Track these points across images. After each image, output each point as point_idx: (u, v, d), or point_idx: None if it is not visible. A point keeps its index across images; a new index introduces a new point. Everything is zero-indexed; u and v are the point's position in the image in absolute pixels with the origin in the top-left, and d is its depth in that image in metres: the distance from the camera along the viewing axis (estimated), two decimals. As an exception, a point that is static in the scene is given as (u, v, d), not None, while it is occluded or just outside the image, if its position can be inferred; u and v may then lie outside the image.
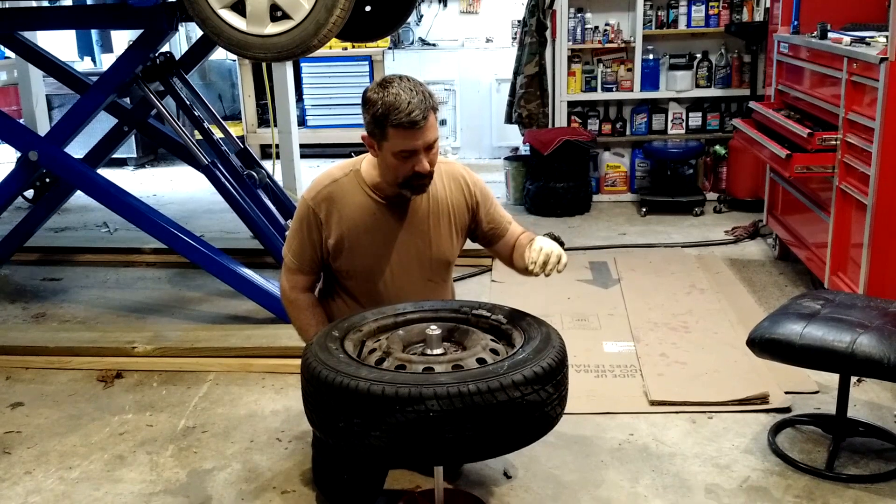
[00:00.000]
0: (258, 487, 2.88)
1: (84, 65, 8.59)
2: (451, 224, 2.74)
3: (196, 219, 6.34)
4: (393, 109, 2.40)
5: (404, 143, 2.45)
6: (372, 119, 2.47)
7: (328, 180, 2.68)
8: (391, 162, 2.51)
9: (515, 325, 2.42)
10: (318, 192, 2.66)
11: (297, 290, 2.74)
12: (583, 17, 6.39)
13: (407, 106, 2.40)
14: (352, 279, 2.72)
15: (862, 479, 2.82)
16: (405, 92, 2.42)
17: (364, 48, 8.11)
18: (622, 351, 3.83)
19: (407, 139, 2.45)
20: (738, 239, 5.54)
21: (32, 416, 3.43)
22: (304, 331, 2.74)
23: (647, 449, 3.04)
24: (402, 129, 2.42)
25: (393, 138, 2.45)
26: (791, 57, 4.75)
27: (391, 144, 2.47)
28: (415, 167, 2.49)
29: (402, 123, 2.41)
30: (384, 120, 2.43)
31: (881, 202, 3.61)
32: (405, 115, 2.40)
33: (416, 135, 2.44)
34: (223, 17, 3.50)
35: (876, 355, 2.65)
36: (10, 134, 4.43)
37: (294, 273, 2.73)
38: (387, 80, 2.47)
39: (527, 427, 2.13)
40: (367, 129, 2.52)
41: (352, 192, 2.65)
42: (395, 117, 2.40)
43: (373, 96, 2.46)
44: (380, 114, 2.43)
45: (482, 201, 2.78)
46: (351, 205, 2.64)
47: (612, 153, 6.62)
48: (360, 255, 2.67)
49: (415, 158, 2.48)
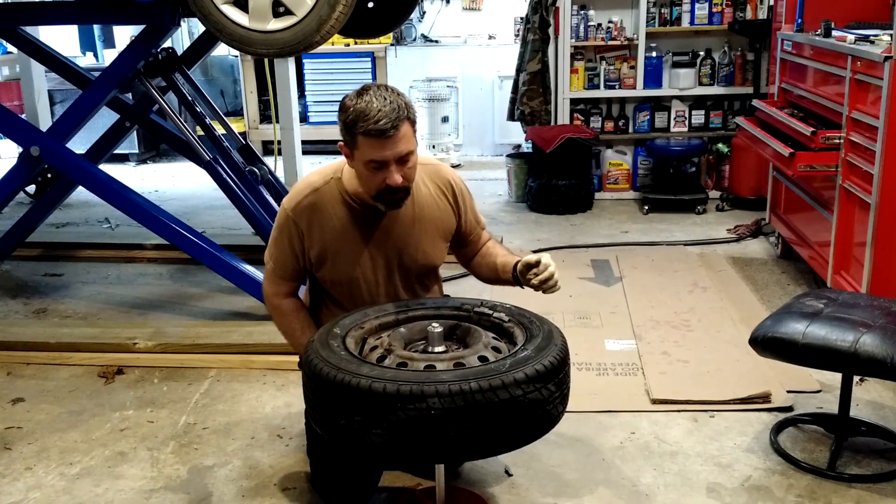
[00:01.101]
0: (259, 484, 2.87)
1: (86, 60, 8.59)
2: (437, 229, 2.69)
3: (198, 215, 6.34)
4: (362, 116, 2.32)
5: (373, 153, 2.36)
6: (343, 125, 2.39)
7: (308, 189, 2.59)
8: (362, 172, 2.43)
9: (517, 322, 2.41)
10: (299, 203, 2.57)
11: (280, 295, 2.69)
12: (586, 14, 6.37)
13: (376, 114, 2.31)
14: (336, 287, 2.68)
15: (864, 478, 2.81)
16: (377, 100, 2.33)
17: (366, 45, 8.10)
18: (624, 349, 3.82)
19: (375, 149, 2.35)
20: (741, 237, 5.53)
21: (33, 412, 3.43)
22: (290, 335, 2.71)
23: (649, 447, 3.04)
24: (370, 138, 2.34)
25: (362, 147, 2.37)
26: (794, 55, 4.73)
27: (361, 153, 2.39)
28: (386, 180, 2.39)
29: (370, 131, 2.32)
30: (353, 127, 2.35)
31: (885, 201, 3.60)
32: (373, 122, 2.31)
33: (384, 144, 2.34)
34: (225, 12, 3.49)
35: (879, 355, 2.64)
36: (11, 129, 4.42)
37: (277, 279, 2.69)
38: (364, 88, 2.40)
39: (528, 425, 2.12)
40: (341, 136, 2.44)
41: (333, 202, 2.57)
42: (362, 124, 2.32)
43: (347, 102, 2.38)
44: (349, 120, 2.35)
45: (465, 207, 2.75)
46: (332, 215, 2.57)
47: (615, 151, 6.62)
48: (344, 265, 2.61)
49: (386, 171, 2.38)
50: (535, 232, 5.80)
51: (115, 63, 4.38)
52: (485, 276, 2.83)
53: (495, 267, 2.73)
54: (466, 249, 2.83)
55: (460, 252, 2.85)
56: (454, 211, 2.72)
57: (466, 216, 2.75)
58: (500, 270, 2.70)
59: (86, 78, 4.82)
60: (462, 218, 2.74)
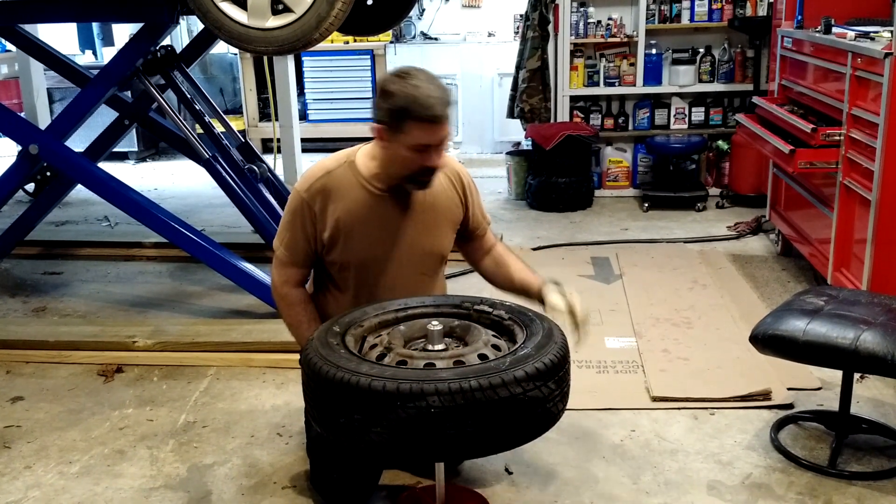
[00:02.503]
0: (259, 483, 2.87)
1: (85, 58, 8.58)
2: (447, 219, 2.71)
3: (197, 213, 6.33)
4: (415, 103, 2.34)
5: (422, 138, 2.39)
6: (389, 111, 2.38)
7: (321, 172, 2.60)
8: (403, 155, 2.45)
9: (517, 320, 2.40)
10: (312, 185, 2.59)
11: (289, 284, 2.68)
12: (585, 11, 6.37)
13: (429, 100, 2.34)
14: (344, 271, 2.67)
15: (865, 476, 2.81)
16: (425, 85, 2.35)
17: (366, 42, 8.09)
18: (624, 347, 3.82)
19: (426, 134, 2.39)
20: (741, 234, 5.53)
21: (32, 411, 3.42)
22: (295, 327, 2.70)
23: (649, 445, 3.04)
24: (423, 124, 2.36)
25: (411, 131, 2.38)
26: (795, 52, 4.73)
27: (408, 138, 2.40)
28: (425, 162, 2.44)
29: (424, 117, 2.35)
30: (404, 113, 2.36)
31: (885, 198, 3.60)
32: (427, 109, 2.34)
33: (435, 130, 2.39)
34: (224, 10, 3.48)
35: (880, 352, 2.64)
36: (10, 127, 4.42)
37: (286, 266, 2.67)
38: (405, 72, 2.40)
39: (528, 423, 2.12)
40: (380, 119, 2.42)
41: (347, 184, 2.59)
42: (417, 111, 2.34)
43: (392, 87, 2.37)
44: (399, 106, 2.35)
45: (472, 199, 2.77)
46: (346, 197, 2.58)
47: (615, 148, 6.61)
48: (355, 248, 2.62)
49: (427, 154, 2.43)
50: (534, 229, 5.80)
51: (114, 61, 4.38)
52: (498, 284, 2.85)
53: (511, 280, 2.78)
54: (472, 245, 2.84)
55: (466, 248, 2.86)
56: (462, 202, 2.74)
57: (473, 209, 2.77)
58: (518, 287, 2.75)
59: (85, 76, 4.82)
60: (469, 210, 2.76)
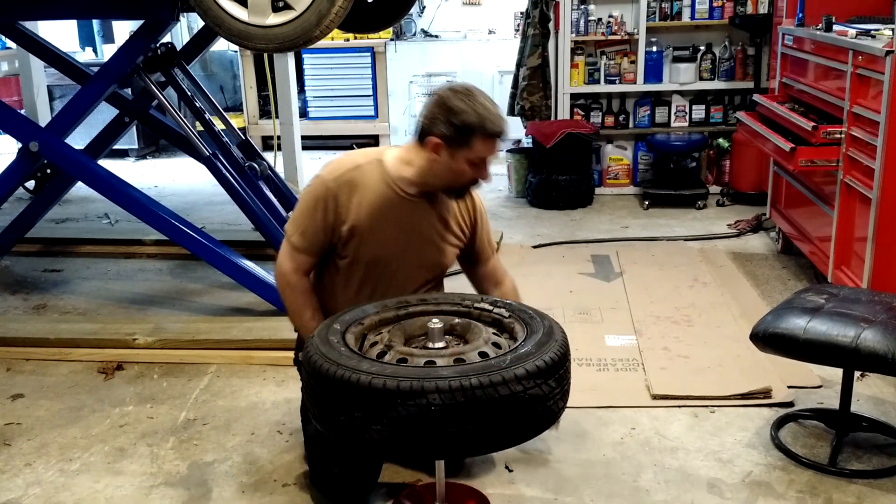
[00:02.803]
0: (259, 480, 2.87)
1: (85, 55, 8.57)
2: (456, 234, 2.78)
3: (197, 210, 6.33)
4: (486, 120, 2.46)
5: (485, 152, 2.51)
6: (458, 125, 2.46)
7: (351, 164, 2.64)
8: (460, 168, 2.53)
9: (518, 318, 2.40)
10: (341, 175, 2.62)
11: (298, 272, 2.70)
12: (586, 8, 6.36)
13: (498, 118, 2.48)
14: (354, 266, 2.70)
15: (865, 474, 2.81)
16: (490, 104, 2.50)
17: (366, 39, 8.09)
18: (624, 345, 3.82)
19: (489, 149, 2.51)
20: (742, 232, 5.53)
21: (33, 408, 3.43)
22: (298, 314, 2.72)
23: (649, 443, 3.04)
24: (490, 140, 2.48)
25: (476, 147, 2.48)
26: (795, 49, 4.72)
27: (471, 152, 2.49)
28: (479, 174, 2.56)
29: (493, 134, 2.47)
30: (472, 128, 2.46)
31: (886, 196, 3.60)
32: (497, 126, 2.48)
33: (496, 146, 2.53)
34: (224, 7, 3.48)
35: (880, 350, 2.64)
36: (10, 124, 4.41)
37: (299, 253, 2.68)
38: (467, 90, 2.52)
39: (529, 421, 2.11)
40: (442, 132, 2.48)
41: (373, 181, 2.62)
42: (490, 128, 2.46)
43: (460, 105, 2.46)
44: (469, 122, 2.45)
45: (481, 226, 2.84)
46: (371, 193, 2.62)
47: (615, 146, 6.61)
48: (370, 245, 2.65)
49: (483, 166, 2.55)
50: (535, 227, 5.80)
51: (114, 58, 4.37)
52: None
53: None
54: (476, 269, 2.90)
55: (470, 272, 2.92)
56: (469, 226, 2.81)
57: (480, 234, 2.84)
58: None
59: (85, 73, 4.81)
60: (476, 235, 2.83)
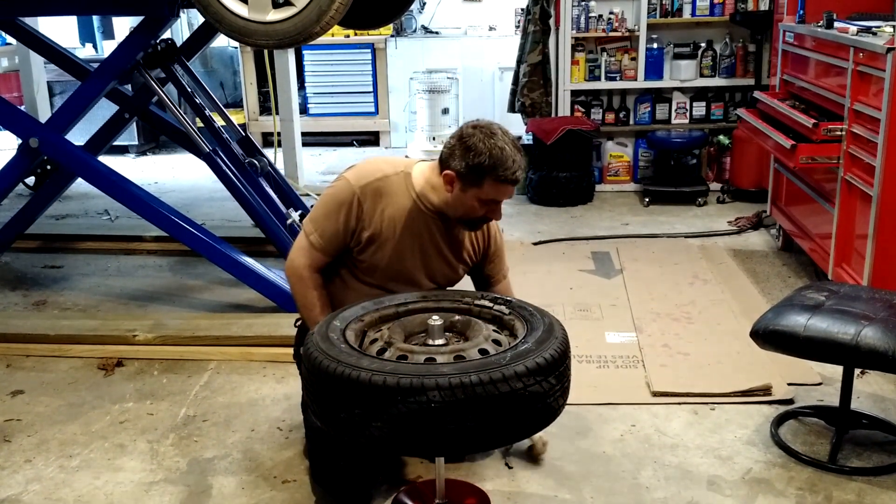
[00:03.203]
0: (259, 476, 2.87)
1: (85, 51, 8.57)
2: (469, 254, 2.81)
3: (197, 207, 6.33)
4: (500, 165, 2.46)
5: (495, 195, 2.52)
6: (472, 165, 2.47)
7: (379, 174, 2.66)
8: (470, 204, 2.55)
9: (518, 315, 2.40)
10: (369, 183, 2.63)
11: (311, 269, 2.71)
12: (587, 5, 6.35)
13: (513, 164, 2.46)
14: (369, 272, 2.73)
15: (865, 471, 2.81)
16: (509, 147, 2.47)
17: (366, 36, 8.08)
18: (624, 341, 3.82)
19: (500, 193, 2.52)
20: (742, 229, 5.53)
21: (33, 404, 3.43)
22: (308, 309, 2.72)
23: (649, 440, 3.04)
24: (501, 184, 2.49)
25: (487, 188, 2.50)
26: (796, 46, 4.72)
27: (482, 192, 2.51)
28: (489, 214, 2.58)
29: (506, 179, 2.47)
30: (487, 170, 2.46)
31: (886, 193, 3.60)
32: (511, 173, 2.47)
33: (509, 190, 2.52)
34: (225, 3, 3.47)
35: (880, 347, 2.64)
36: (10, 120, 4.41)
37: (315, 251, 2.69)
38: (490, 129, 2.51)
39: (528, 418, 2.12)
40: (457, 168, 2.50)
41: (398, 192, 2.65)
42: (501, 173, 2.46)
43: (478, 144, 2.47)
44: (485, 164, 2.45)
45: (494, 250, 2.86)
46: (395, 204, 2.64)
47: (616, 143, 6.61)
48: (387, 254, 2.67)
49: (494, 207, 2.56)
50: (535, 224, 5.80)
51: (114, 54, 4.36)
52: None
53: None
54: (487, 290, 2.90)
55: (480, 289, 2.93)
56: (483, 248, 2.84)
57: (492, 258, 2.87)
58: None
59: (85, 69, 4.81)
60: (489, 257, 2.86)
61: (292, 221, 4.42)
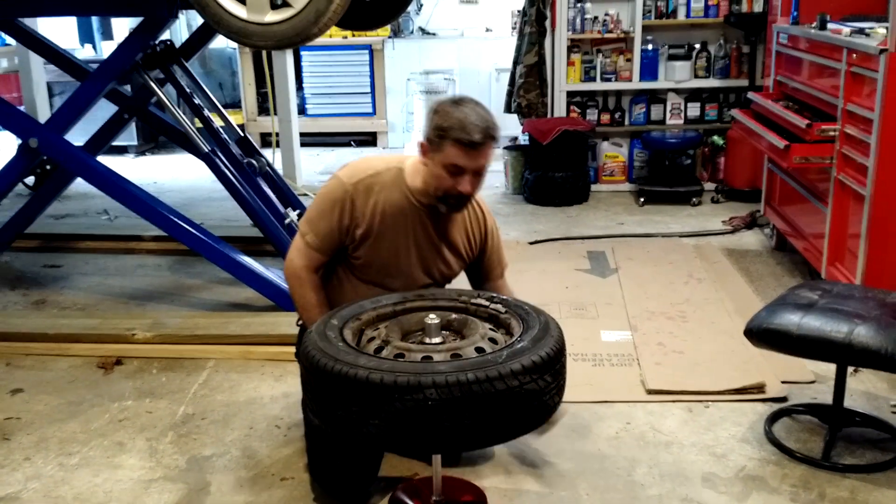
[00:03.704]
0: (257, 474, 2.89)
1: (85, 52, 8.58)
2: (464, 248, 2.82)
3: (196, 206, 6.34)
4: (458, 125, 2.49)
5: (457, 160, 2.52)
6: (435, 128, 2.54)
7: (371, 171, 2.70)
8: (437, 173, 2.57)
9: (514, 314, 2.43)
10: (361, 181, 2.67)
11: (308, 269, 2.74)
12: (582, 7, 6.37)
13: (472, 127, 2.49)
14: (365, 270, 2.75)
15: (858, 468, 2.84)
16: (475, 114, 2.51)
17: (364, 37, 8.10)
18: (620, 340, 3.84)
19: (461, 157, 2.52)
20: (736, 229, 5.55)
21: (32, 403, 3.44)
22: (307, 309, 2.74)
23: (644, 437, 3.06)
24: (461, 147, 2.50)
25: (449, 152, 2.52)
26: (790, 48, 4.74)
27: (444, 157, 2.53)
28: (457, 185, 2.57)
29: (462, 141, 2.49)
30: (447, 131, 2.50)
31: (879, 193, 3.62)
32: (467, 134, 2.48)
33: (470, 155, 2.52)
34: (223, 4, 3.49)
35: (873, 345, 2.66)
36: (10, 121, 4.42)
37: (311, 251, 2.72)
38: (462, 99, 2.57)
39: (525, 416, 2.14)
40: (427, 135, 2.58)
41: (391, 188, 2.68)
42: (457, 133, 2.49)
43: (444, 108, 2.54)
44: (445, 125, 2.50)
45: (491, 244, 2.88)
46: (387, 200, 2.67)
47: (611, 143, 6.63)
48: (382, 251, 2.70)
49: (461, 177, 2.56)
50: (531, 223, 5.82)
51: (114, 55, 4.38)
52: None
53: None
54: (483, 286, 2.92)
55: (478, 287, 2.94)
56: (479, 243, 2.86)
57: (489, 253, 2.89)
58: None
59: (84, 70, 4.83)
60: (486, 252, 2.88)
61: (290, 221, 4.44)
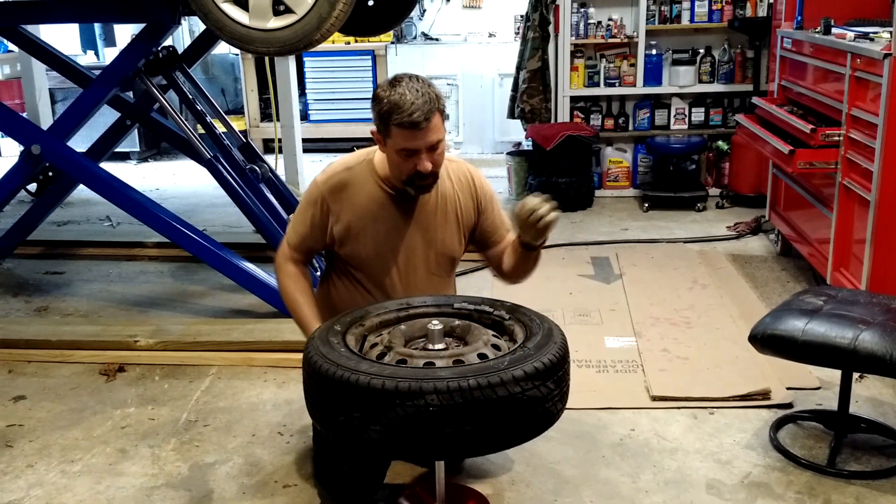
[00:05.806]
0: (259, 481, 2.88)
1: (87, 59, 8.59)
2: (458, 221, 2.77)
3: (198, 213, 6.35)
4: (396, 109, 2.45)
5: (405, 142, 2.50)
6: (377, 116, 2.52)
7: (342, 168, 2.72)
8: (394, 158, 2.56)
9: (517, 320, 2.41)
10: (331, 178, 2.70)
11: (290, 261, 2.78)
12: (586, 11, 6.38)
13: (410, 107, 2.44)
14: (357, 266, 2.75)
15: (864, 475, 2.83)
16: (410, 92, 2.46)
17: (367, 43, 8.11)
18: (624, 346, 3.83)
19: (408, 139, 2.49)
20: (741, 234, 5.54)
21: (35, 410, 3.44)
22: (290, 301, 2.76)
23: (649, 444, 3.05)
24: (404, 129, 2.47)
25: (395, 136, 2.50)
26: (794, 52, 4.74)
27: (394, 142, 2.52)
28: (416, 166, 2.53)
29: (404, 123, 2.45)
30: (387, 118, 2.48)
31: (884, 198, 3.61)
32: (406, 115, 2.44)
33: (417, 135, 2.48)
34: (226, 10, 3.49)
35: (878, 352, 2.65)
36: (12, 127, 4.43)
37: (291, 249, 2.77)
38: (396, 79, 2.52)
39: (527, 423, 2.12)
40: (375, 124, 2.57)
41: (363, 181, 2.69)
42: (397, 117, 2.45)
43: (380, 94, 2.51)
44: (384, 111, 2.48)
45: (487, 203, 2.82)
46: (361, 193, 2.68)
47: (615, 148, 6.62)
48: (366, 244, 2.70)
49: (416, 157, 2.52)
50: (535, 229, 5.80)
51: (116, 61, 4.38)
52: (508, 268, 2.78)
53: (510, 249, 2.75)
54: (492, 252, 2.85)
55: (488, 255, 2.87)
56: (475, 206, 2.79)
57: (489, 215, 2.81)
58: (512, 248, 2.72)
59: (87, 76, 4.83)
60: (483, 215, 2.81)
61: (293, 227, 4.43)
